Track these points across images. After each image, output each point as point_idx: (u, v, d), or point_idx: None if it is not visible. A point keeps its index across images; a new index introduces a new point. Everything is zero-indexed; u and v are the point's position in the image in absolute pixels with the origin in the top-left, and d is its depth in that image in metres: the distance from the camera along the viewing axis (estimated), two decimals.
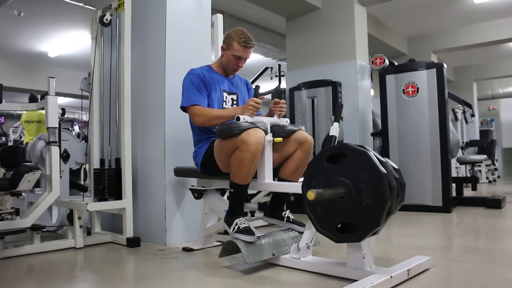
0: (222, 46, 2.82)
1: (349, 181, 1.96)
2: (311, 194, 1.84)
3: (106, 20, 3.41)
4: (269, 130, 2.53)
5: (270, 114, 2.73)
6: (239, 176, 2.42)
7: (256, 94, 2.65)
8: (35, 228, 3.01)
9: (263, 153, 2.49)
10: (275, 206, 2.76)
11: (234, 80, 2.93)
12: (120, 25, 3.41)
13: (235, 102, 2.87)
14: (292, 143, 2.62)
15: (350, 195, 1.95)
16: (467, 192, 6.68)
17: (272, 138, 2.50)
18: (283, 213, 2.70)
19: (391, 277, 1.97)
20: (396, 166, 2.05)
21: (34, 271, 2.60)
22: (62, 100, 11.95)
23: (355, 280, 1.93)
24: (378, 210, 1.88)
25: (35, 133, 6.89)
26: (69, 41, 8.25)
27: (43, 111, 3.47)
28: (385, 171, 1.88)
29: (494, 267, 2.38)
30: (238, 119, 2.42)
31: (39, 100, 3.82)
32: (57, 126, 3.12)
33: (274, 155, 2.57)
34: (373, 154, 1.93)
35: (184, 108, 2.73)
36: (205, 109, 2.66)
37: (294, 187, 2.41)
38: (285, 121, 2.68)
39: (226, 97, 2.82)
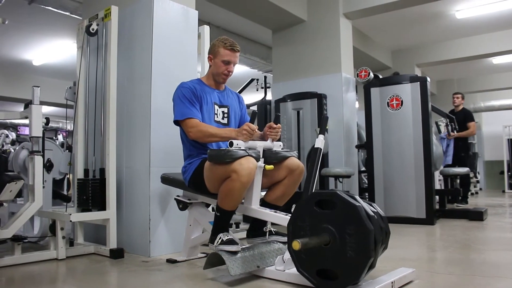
0: (208, 57, 2.79)
1: (335, 230, 1.98)
2: (296, 245, 1.86)
3: (93, 29, 3.41)
4: (261, 156, 2.51)
5: (264, 137, 2.69)
6: (227, 203, 2.41)
7: (253, 119, 2.63)
8: (16, 239, 2.95)
9: None
10: (256, 226, 2.74)
11: (224, 93, 2.90)
12: (107, 35, 3.40)
13: (225, 115, 2.83)
14: (283, 170, 2.60)
15: (334, 243, 1.97)
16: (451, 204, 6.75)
17: (264, 165, 2.48)
18: (264, 228, 2.68)
19: None
20: (382, 214, 2.08)
21: (14, 283, 2.54)
22: (47, 109, 11.82)
23: None
24: (361, 265, 1.91)
25: None
26: (54, 49, 8.17)
27: None
28: (372, 228, 1.90)
29: (477, 279, 2.41)
30: (231, 144, 2.39)
31: None
32: (41, 135, 3.08)
33: (263, 179, 2.56)
34: (362, 208, 1.95)
35: (177, 122, 2.69)
36: (202, 124, 2.61)
37: (280, 219, 2.38)
38: (278, 146, 2.66)
39: (217, 109, 2.79)
